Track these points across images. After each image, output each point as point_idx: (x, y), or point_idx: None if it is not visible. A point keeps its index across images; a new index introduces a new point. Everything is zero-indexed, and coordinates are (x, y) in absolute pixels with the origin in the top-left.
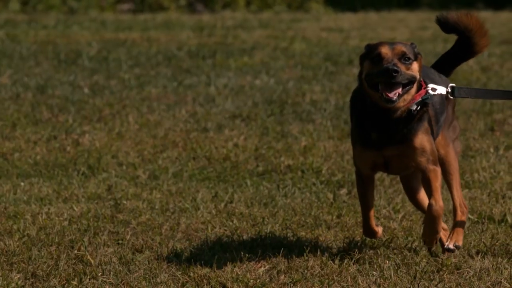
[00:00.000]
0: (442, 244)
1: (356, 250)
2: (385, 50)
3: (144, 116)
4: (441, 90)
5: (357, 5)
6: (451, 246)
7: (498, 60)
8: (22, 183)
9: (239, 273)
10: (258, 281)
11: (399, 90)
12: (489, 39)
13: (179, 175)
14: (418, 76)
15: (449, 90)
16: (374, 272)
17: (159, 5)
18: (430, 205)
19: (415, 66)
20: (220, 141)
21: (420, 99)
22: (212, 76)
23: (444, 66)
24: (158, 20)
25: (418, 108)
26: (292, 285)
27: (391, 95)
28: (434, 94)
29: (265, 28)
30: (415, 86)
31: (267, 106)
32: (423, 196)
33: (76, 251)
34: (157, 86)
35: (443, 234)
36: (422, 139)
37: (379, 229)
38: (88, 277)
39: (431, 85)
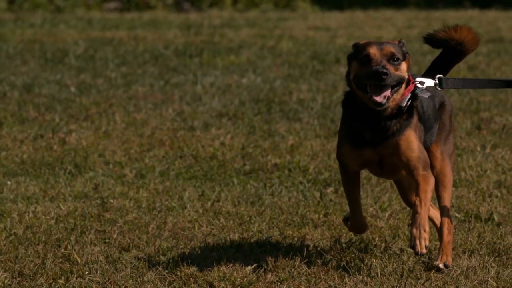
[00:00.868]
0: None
1: (343, 248)
2: (373, 51)
3: (130, 115)
4: (429, 82)
5: (344, 4)
6: (441, 266)
7: (484, 58)
8: (8, 182)
9: (226, 272)
10: (245, 279)
11: (388, 93)
12: (479, 41)
13: (165, 173)
14: (406, 76)
15: (437, 82)
16: (361, 271)
17: (146, 3)
18: (415, 205)
19: (403, 66)
20: (207, 140)
21: (409, 94)
22: (199, 75)
23: (438, 72)
24: (145, 19)
25: (408, 103)
26: (279, 283)
27: (379, 99)
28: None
29: (252, 27)
30: (403, 84)
31: (254, 105)
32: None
33: (63, 250)
34: (144, 84)
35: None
36: (410, 135)
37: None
38: (75, 276)
39: (418, 79)
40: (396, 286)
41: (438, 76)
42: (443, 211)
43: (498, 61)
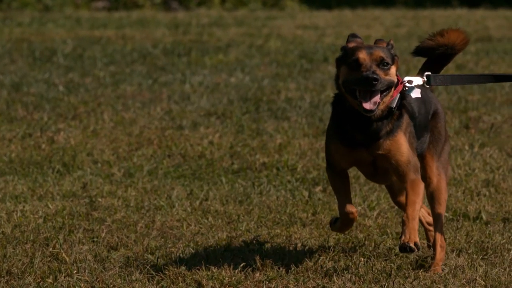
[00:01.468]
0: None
1: (331, 247)
2: (363, 56)
3: (119, 114)
4: (417, 81)
5: (332, 3)
6: None
7: (473, 57)
8: None
9: (214, 270)
10: (233, 278)
11: (378, 98)
12: (468, 40)
13: (154, 172)
14: (396, 80)
15: (425, 79)
16: (349, 270)
17: (134, 2)
18: (404, 221)
19: (393, 70)
20: (195, 139)
21: (398, 94)
22: (187, 74)
23: (431, 71)
24: (133, 18)
25: (398, 104)
26: (267, 282)
27: (369, 106)
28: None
29: (240, 25)
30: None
31: (242, 103)
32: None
33: (51, 249)
34: (132, 83)
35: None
36: (401, 138)
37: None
38: (63, 274)
39: (406, 78)
40: (385, 285)
41: (426, 73)
42: (437, 227)
43: (487, 60)
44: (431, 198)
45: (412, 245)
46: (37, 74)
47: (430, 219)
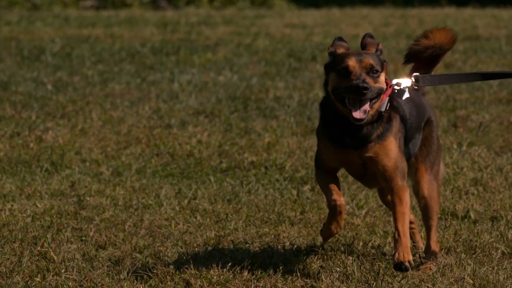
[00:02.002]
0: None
1: (320, 246)
2: (352, 63)
3: (107, 113)
4: (406, 82)
5: (320, 2)
6: None
7: (461, 56)
8: None
9: (202, 269)
10: (221, 277)
11: (367, 106)
12: (456, 38)
13: (142, 171)
14: (385, 87)
15: (413, 80)
16: (338, 268)
17: (122, 1)
18: (395, 237)
19: (382, 77)
20: (184, 138)
21: (387, 98)
22: (176, 73)
23: (421, 73)
24: (121, 17)
25: (387, 107)
26: (255, 281)
27: (359, 115)
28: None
29: (229, 24)
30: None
31: (230, 102)
32: None
33: (39, 248)
34: (121, 82)
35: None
36: (390, 143)
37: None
38: (51, 273)
39: (395, 80)
40: (373, 284)
41: (414, 74)
42: (430, 236)
43: (475, 59)
44: (424, 209)
45: (406, 264)
46: (26, 72)
47: (412, 217)
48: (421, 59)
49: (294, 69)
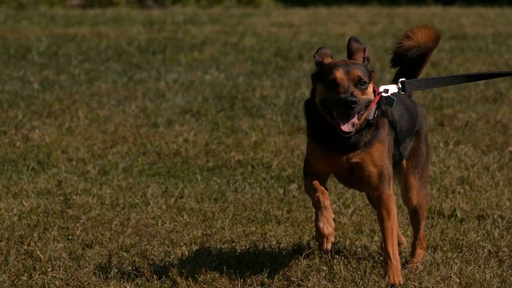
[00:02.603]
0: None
1: (306, 245)
2: (340, 75)
3: (94, 111)
4: (393, 89)
5: (307, 0)
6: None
7: (447, 55)
8: None
9: (189, 268)
10: (208, 276)
11: (355, 119)
12: (439, 35)
13: (129, 170)
14: (373, 97)
15: (400, 86)
16: (324, 267)
17: (109, 0)
18: (385, 259)
19: (370, 88)
20: (170, 136)
21: (375, 106)
22: (162, 71)
23: (409, 74)
24: (108, 15)
25: (375, 115)
26: (242, 280)
27: (347, 128)
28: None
29: (215, 23)
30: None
31: (217, 101)
32: None
33: (25, 247)
34: (107, 81)
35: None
36: (378, 149)
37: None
38: (38, 272)
39: (382, 87)
40: (360, 283)
41: (400, 80)
42: (417, 239)
43: (461, 58)
44: (413, 215)
45: (398, 286)
46: (12, 71)
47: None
48: (407, 60)
49: (280, 68)
